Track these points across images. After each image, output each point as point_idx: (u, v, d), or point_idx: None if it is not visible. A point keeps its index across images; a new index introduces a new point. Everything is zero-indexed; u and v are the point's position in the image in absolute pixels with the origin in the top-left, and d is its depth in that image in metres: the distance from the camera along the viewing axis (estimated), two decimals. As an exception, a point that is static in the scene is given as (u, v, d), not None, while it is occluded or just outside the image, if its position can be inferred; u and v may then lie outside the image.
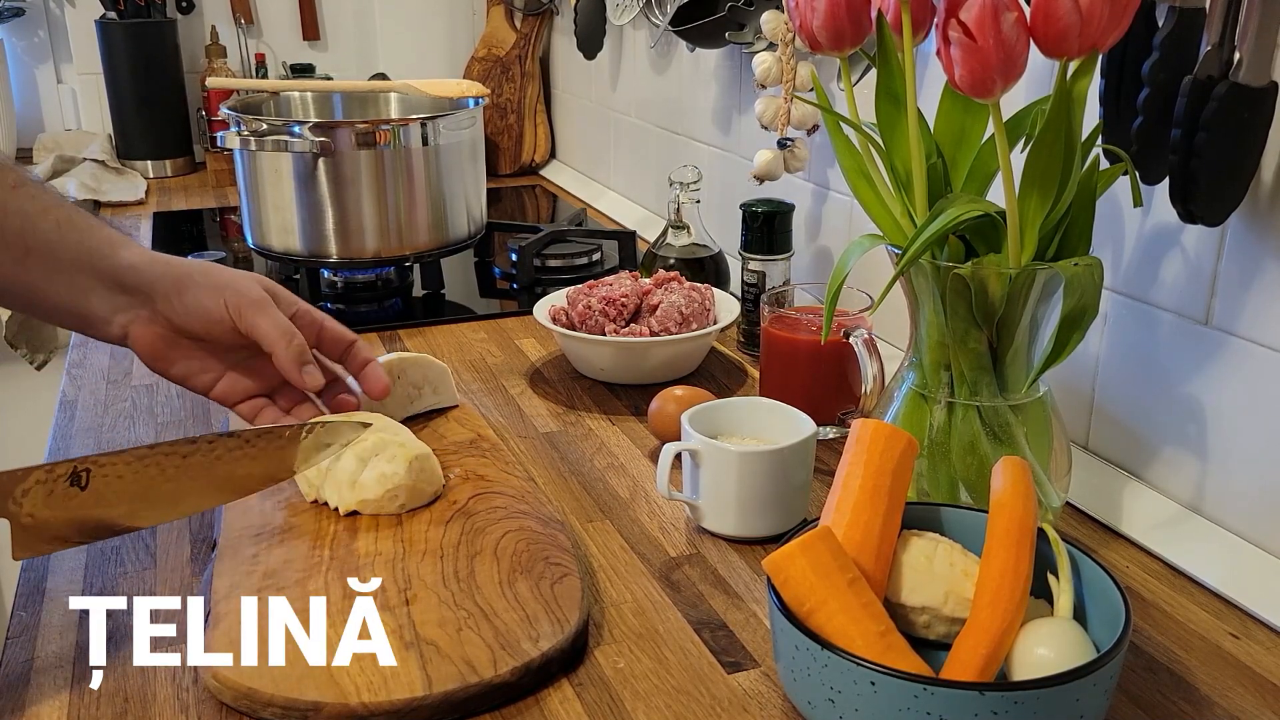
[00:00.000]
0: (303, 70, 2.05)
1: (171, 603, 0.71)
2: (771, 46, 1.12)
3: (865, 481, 0.63)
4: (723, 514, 0.79)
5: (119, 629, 0.68)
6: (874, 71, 0.73)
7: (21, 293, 0.78)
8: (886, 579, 0.62)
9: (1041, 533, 0.62)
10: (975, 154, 0.74)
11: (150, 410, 1.01)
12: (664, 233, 1.25)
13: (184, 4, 2.03)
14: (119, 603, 0.71)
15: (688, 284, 1.09)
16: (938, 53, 0.63)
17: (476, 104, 1.35)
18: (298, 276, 1.32)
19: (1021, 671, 0.57)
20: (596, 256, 1.43)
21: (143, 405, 1.02)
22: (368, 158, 1.23)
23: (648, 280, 1.10)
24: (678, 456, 0.79)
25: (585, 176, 1.91)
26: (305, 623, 0.65)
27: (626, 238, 1.46)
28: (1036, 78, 0.81)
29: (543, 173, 2.03)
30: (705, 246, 1.24)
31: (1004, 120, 0.67)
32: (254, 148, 1.23)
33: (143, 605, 0.70)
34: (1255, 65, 0.65)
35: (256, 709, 0.60)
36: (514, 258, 1.38)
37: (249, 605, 0.67)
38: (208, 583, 0.70)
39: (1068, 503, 0.83)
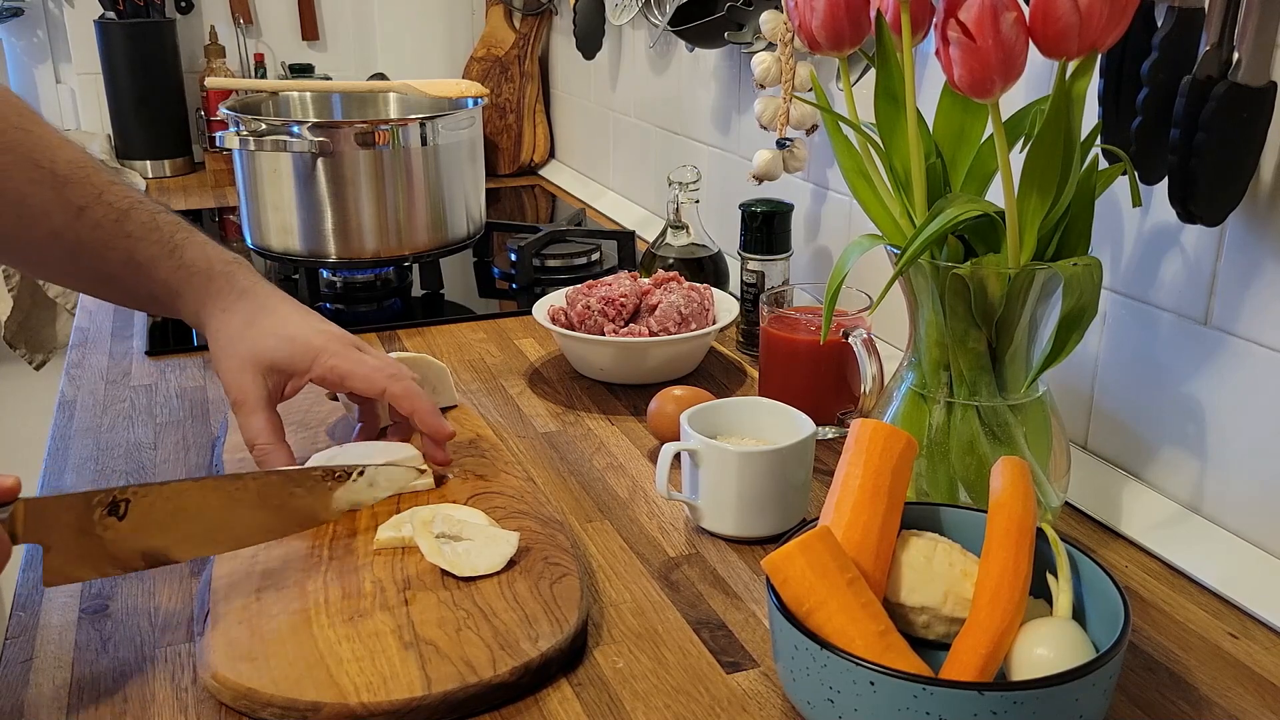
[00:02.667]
0: (302, 70, 2.05)
1: (171, 602, 0.71)
2: (771, 46, 1.12)
3: (864, 481, 0.63)
4: (722, 514, 0.79)
5: (118, 629, 0.68)
6: (873, 71, 0.73)
7: (120, 303, 0.87)
8: (886, 579, 0.62)
9: (1041, 533, 0.62)
10: (974, 154, 0.74)
11: (149, 411, 1.01)
12: (663, 233, 1.25)
13: (183, 4, 2.03)
14: (118, 603, 0.71)
15: (687, 284, 1.09)
16: (937, 53, 0.63)
17: (475, 104, 1.35)
18: (296, 276, 1.32)
19: (1021, 671, 0.57)
20: (595, 256, 1.43)
21: (141, 406, 1.02)
22: (367, 158, 1.23)
23: (647, 280, 1.10)
24: (677, 457, 0.79)
25: (584, 176, 1.91)
26: (304, 623, 0.65)
27: (625, 238, 1.46)
28: (1036, 78, 0.81)
29: (542, 173, 2.03)
30: (704, 246, 1.24)
31: (1003, 120, 0.67)
32: (253, 148, 1.23)
33: (142, 605, 0.71)
34: (1254, 65, 0.65)
35: (255, 709, 0.60)
36: (513, 258, 1.38)
37: (248, 605, 0.67)
38: (207, 583, 0.70)
39: (1067, 502, 0.83)
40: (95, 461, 0.91)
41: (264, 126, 1.23)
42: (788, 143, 1.12)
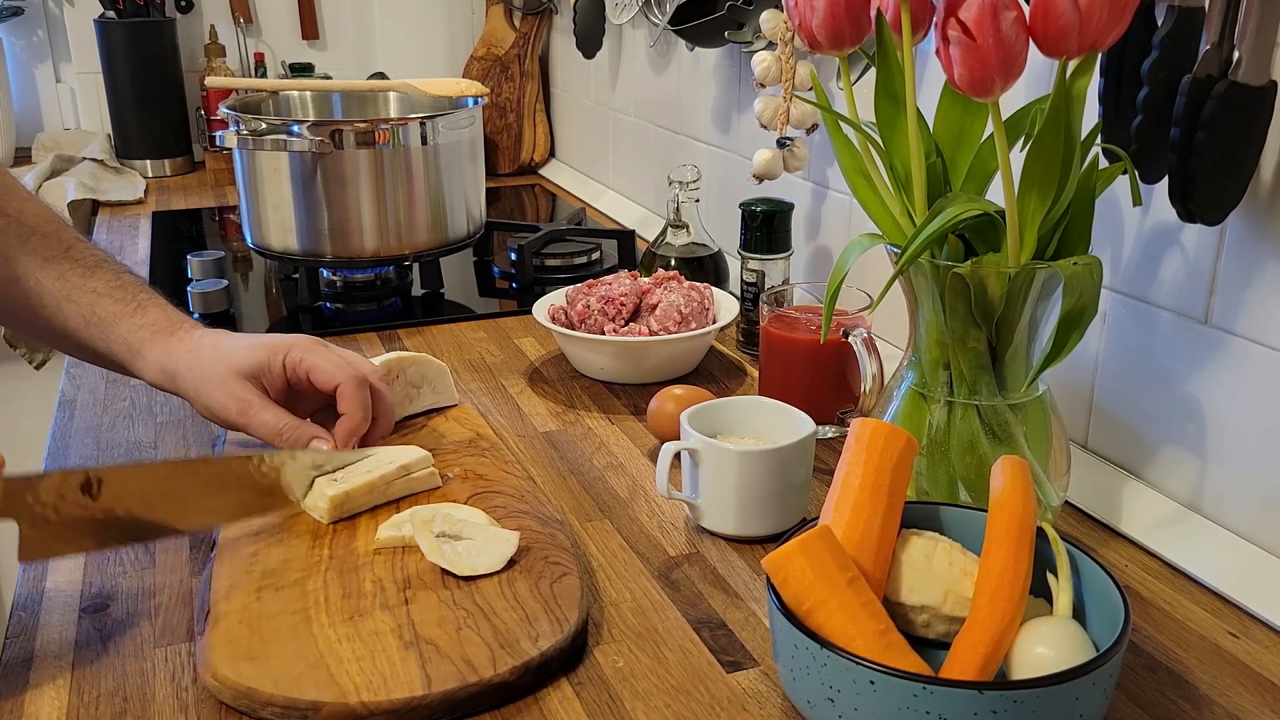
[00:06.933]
0: (302, 69, 2.05)
1: (171, 602, 0.71)
2: (771, 46, 1.12)
3: (865, 481, 0.63)
4: (722, 513, 0.79)
5: (118, 628, 0.68)
6: (873, 70, 0.73)
7: (74, 353, 0.87)
8: (886, 578, 0.62)
9: (1041, 532, 0.62)
10: (974, 153, 0.74)
11: (149, 410, 1.01)
12: (663, 232, 1.25)
13: (183, 3, 2.03)
14: (118, 603, 0.71)
15: (687, 283, 1.09)
16: (937, 52, 0.63)
17: (475, 103, 1.35)
18: (296, 276, 1.32)
19: (1021, 670, 0.57)
20: (596, 256, 1.43)
21: (141, 405, 1.02)
22: (367, 157, 1.23)
23: (647, 279, 1.10)
24: (677, 456, 0.79)
25: (584, 176, 1.91)
26: (304, 622, 0.65)
27: (626, 237, 1.46)
28: (1036, 77, 0.81)
29: (542, 172, 2.03)
30: (704, 246, 1.24)
31: (1003, 119, 0.67)
32: (253, 147, 1.23)
33: (142, 605, 0.71)
34: (1254, 64, 0.65)
35: (255, 708, 0.60)
36: (513, 257, 1.38)
37: (248, 604, 0.67)
38: (207, 582, 0.70)
39: (1067, 502, 0.83)
40: (95, 461, 0.91)
41: (264, 126, 1.23)
42: (788, 142, 1.12)
